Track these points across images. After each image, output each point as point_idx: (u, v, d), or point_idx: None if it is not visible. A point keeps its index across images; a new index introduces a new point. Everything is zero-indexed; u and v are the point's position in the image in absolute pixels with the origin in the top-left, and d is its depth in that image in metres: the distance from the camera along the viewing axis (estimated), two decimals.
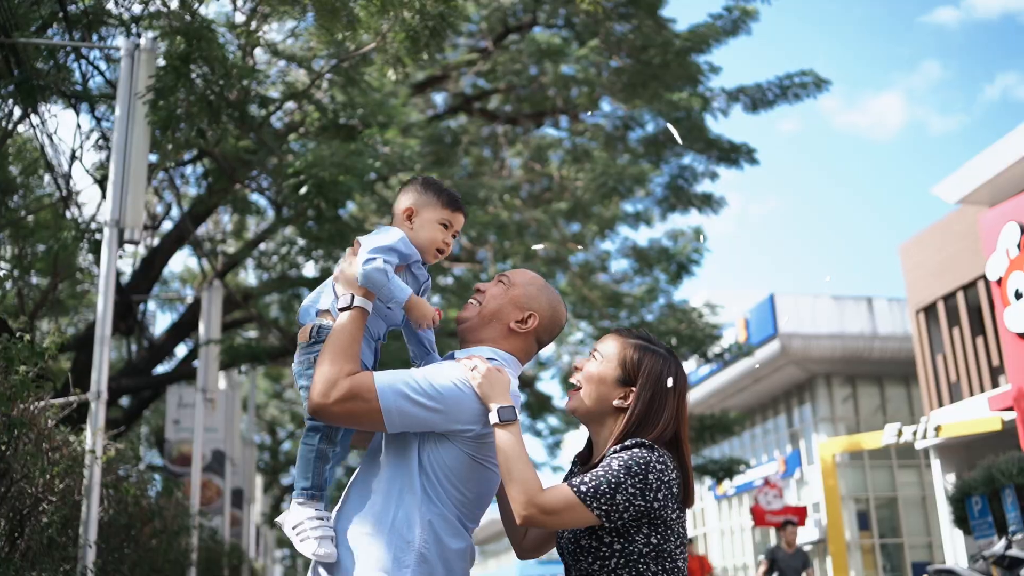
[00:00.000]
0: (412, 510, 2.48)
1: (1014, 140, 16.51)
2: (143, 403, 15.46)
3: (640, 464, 2.40)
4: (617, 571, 2.44)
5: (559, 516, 2.38)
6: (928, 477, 25.11)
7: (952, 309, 20.11)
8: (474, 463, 2.55)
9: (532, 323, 2.72)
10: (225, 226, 16.03)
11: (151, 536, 6.67)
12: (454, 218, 2.74)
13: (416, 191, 2.73)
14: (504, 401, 2.48)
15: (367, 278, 2.52)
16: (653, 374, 2.57)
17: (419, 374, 2.52)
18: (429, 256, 2.71)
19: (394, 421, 2.46)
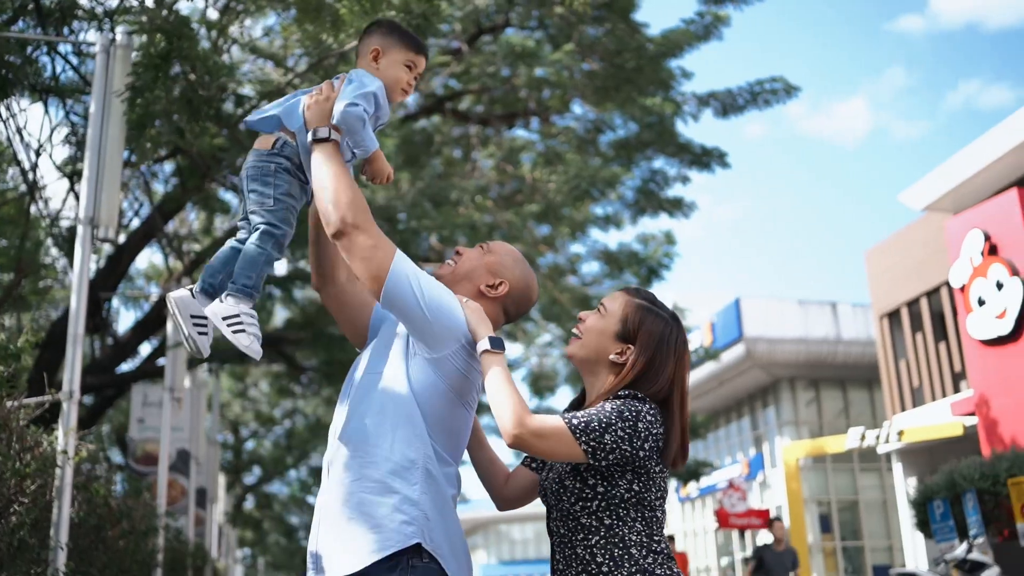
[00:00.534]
0: (411, 432, 2.54)
1: (978, 149, 16.74)
2: (106, 401, 15.30)
3: (632, 411, 2.47)
4: (598, 513, 2.51)
5: (547, 441, 2.42)
6: (889, 481, 25.41)
7: (915, 315, 20.36)
8: (455, 398, 2.61)
9: (502, 290, 2.79)
10: (192, 224, 15.89)
11: (119, 537, 6.59)
12: (417, 60, 2.83)
13: (382, 33, 2.83)
14: (491, 331, 2.58)
15: (346, 119, 2.60)
16: (652, 335, 2.63)
17: (426, 275, 2.62)
18: (395, 95, 2.80)
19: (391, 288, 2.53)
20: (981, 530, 11.78)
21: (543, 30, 13.56)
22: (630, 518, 2.50)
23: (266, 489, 33.42)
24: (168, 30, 4.94)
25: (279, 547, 40.76)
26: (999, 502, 12.09)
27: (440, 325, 2.56)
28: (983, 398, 16.05)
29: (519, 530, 58.11)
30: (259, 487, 32.80)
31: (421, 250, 11.47)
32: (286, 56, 9.21)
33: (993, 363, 15.88)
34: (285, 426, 28.86)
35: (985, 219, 16.15)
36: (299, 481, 33.17)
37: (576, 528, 2.54)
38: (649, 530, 2.52)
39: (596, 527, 2.51)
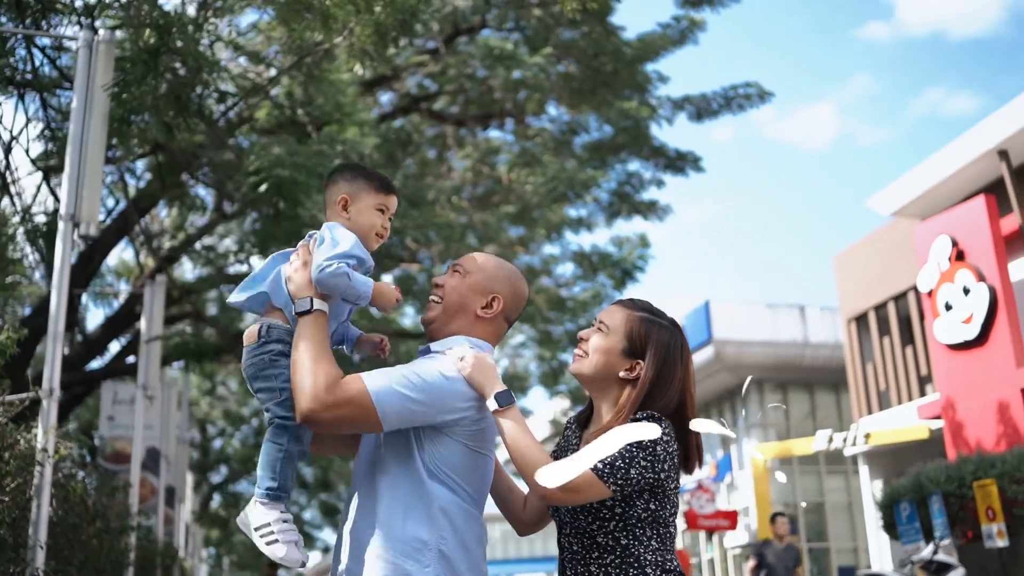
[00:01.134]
0: (421, 508, 2.48)
1: (947, 155, 16.95)
2: (75, 399, 15.14)
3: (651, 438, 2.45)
4: (615, 533, 2.51)
5: (577, 493, 2.42)
6: (855, 483, 25.64)
7: (883, 319, 20.57)
8: (473, 453, 2.56)
9: (497, 306, 2.73)
10: (164, 221, 15.77)
11: (93, 536, 6.54)
12: (388, 201, 2.72)
13: (346, 179, 2.71)
14: (498, 386, 2.51)
15: (325, 283, 2.49)
16: (659, 347, 2.63)
17: (405, 369, 2.51)
18: (371, 242, 2.69)
19: (389, 420, 2.44)
20: (947, 532, 11.94)
21: (519, 32, 13.60)
22: (646, 537, 2.51)
23: (233, 488, 33.20)
24: (159, 25, 4.92)
25: (244, 547, 40.50)
26: (964, 504, 12.26)
27: (447, 410, 2.49)
28: (949, 402, 16.25)
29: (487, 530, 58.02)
30: (226, 486, 32.58)
31: (397, 250, 11.46)
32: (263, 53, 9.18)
33: (959, 367, 16.08)
34: (253, 424, 28.68)
35: (953, 225, 16.35)
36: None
37: (591, 547, 2.54)
38: (663, 547, 2.53)
39: (612, 547, 2.51)
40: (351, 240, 2.57)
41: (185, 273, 16.66)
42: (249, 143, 8.95)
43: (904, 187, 18.03)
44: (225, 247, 12.89)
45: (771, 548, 11.68)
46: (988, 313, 15.41)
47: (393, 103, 14.51)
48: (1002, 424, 15.03)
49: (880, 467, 19.96)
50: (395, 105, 14.40)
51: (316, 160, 6.72)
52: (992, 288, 15.37)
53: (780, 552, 11.64)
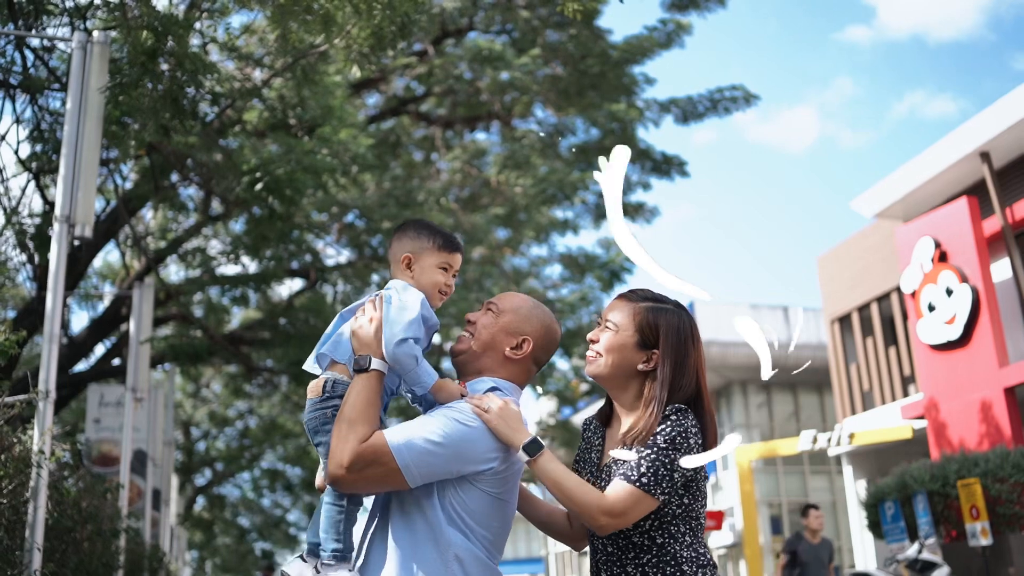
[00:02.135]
0: (435, 554, 2.47)
1: (929, 157, 17.07)
2: (60, 402, 15.06)
3: (682, 434, 2.49)
4: (650, 532, 2.52)
5: (630, 514, 2.44)
6: (839, 483, 25.78)
7: (866, 320, 20.69)
8: (496, 500, 2.55)
9: (527, 348, 2.73)
10: (149, 223, 15.71)
11: (85, 539, 6.53)
12: (452, 259, 2.73)
13: (411, 237, 2.72)
14: (524, 435, 2.49)
15: (396, 360, 2.49)
16: (671, 332, 2.65)
17: (429, 424, 2.49)
18: (434, 300, 2.70)
19: (414, 476, 2.44)
20: (931, 531, 12.03)
21: (507, 34, 13.63)
22: (680, 533, 2.52)
23: (218, 490, 33.09)
24: (156, 27, 4.92)
25: (228, 549, 40.34)
26: (948, 503, 12.35)
27: (470, 461, 2.49)
28: (932, 402, 16.37)
29: None
30: (210, 488, 32.47)
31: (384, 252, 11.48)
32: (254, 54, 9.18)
33: (942, 367, 16.20)
34: (238, 427, 28.60)
35: (936, 227, 16.48)
36: (252, 482, 32.90)
37: (627, 547, 2.54)
38: (696, 541, 2.54)
39: (648, 546, 2.51)
40: (418, 303, 2.56)
41: (171, 275, 16.62)
42: (239, 145, 8.94)
43: (887, 189, 18.15)
44: (212, 248, 12.86)
45: (804, 543, 10.85)
46: (971, 314, 15.54)
47: (380, 105, 14.51)
48: (985, 423, 15.16)
49: (864, 467, 20.08)
50: (383, 107, 14.40)
51: (311, 159, 6.73)
52: (975, 289, 15.50)
53: (814, 548, 10.82)
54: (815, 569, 10.56)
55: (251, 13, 7.24)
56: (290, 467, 30.46)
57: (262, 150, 7.03)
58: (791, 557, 10.69)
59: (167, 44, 4.99)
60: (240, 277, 11.20)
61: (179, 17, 5.18)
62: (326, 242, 12.72)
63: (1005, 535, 12.57)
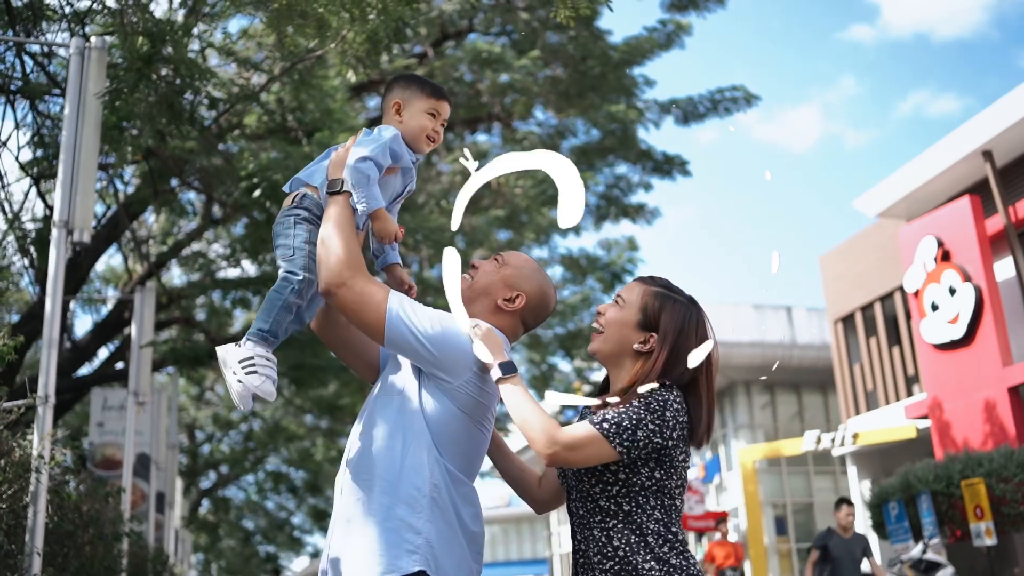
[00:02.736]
0: (420, 457, 2.55)
1: (932, 156, 17.06)
2: (64, 406, 15.09)
3: (659, 402, 2.50)
4: (617, 499, 2.54)
5: (582, 451, 2.45)
6: (843, 483, 25.75)
7: (869, 319, 20.67)
8: (469, 424, 2.63)
9: (519, 303, 2.81)
10: (151, 227, 15.74)
11: (86, 543, 6.54)
12: (440, 106, 2.87)
13: (401, 86, 2.88)
14: (501, 357, 2.57)
15: (351, 174, 2.65)
16: (673, 320, 2.67)
17: (423, 308, 2.63)
18: (421, 144, 2.85)
19: (393, 332, 2.56)
20: (935, 531, 12.02)
21: (507, 36, 13.64)
22: (649, 506, 2.52)
23: (222, 493, 33.11)
24: (152, 33, 4.94)
25: (233, 552, 40.39)
26: (953, 503, 12.33)
27: (447, 359, 2.58)
28: (936, 401, 16.35)
29: None
30: (215, 491, 32.49)
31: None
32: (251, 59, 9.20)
33: (946, 367, 16.18)
34: (242, 430, 28.61)
35: (938, 226, 16.46)
36: (256, 485, 32.94)
37: (595, 510, 2.56)
38: (667, 518, 2.54)
39: (615, 511, 2.53)
40: (391, 134, 2.74)
41: (173, 279, 16.66)
42: (238, 149, 8.96)
43: (890, 188, 18.14)
44: (214, 252, 12.89)
45: (835, 539, 10.40)
46: (974, 313, 15.52)
47: (381, 108, 14.53)
48: (989, 423, 15.14)
49: (868, 467, 20.06)
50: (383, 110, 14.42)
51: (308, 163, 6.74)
52: (978, 288, 15.48)
53: (846, 543, 10.33)
54: (847, 565, 10.19)
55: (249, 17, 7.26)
56: (294, 470, 30.48)
57: (261, 155, 7.05)
58: (821, 553, 10.36)
59: (163, 50, 5.00)
60: (240, 281, 11.23)
61: (174, 23, 5.19)
62: None
63: (1010, 535, 12.56)
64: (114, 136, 5.50)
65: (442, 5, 12.53)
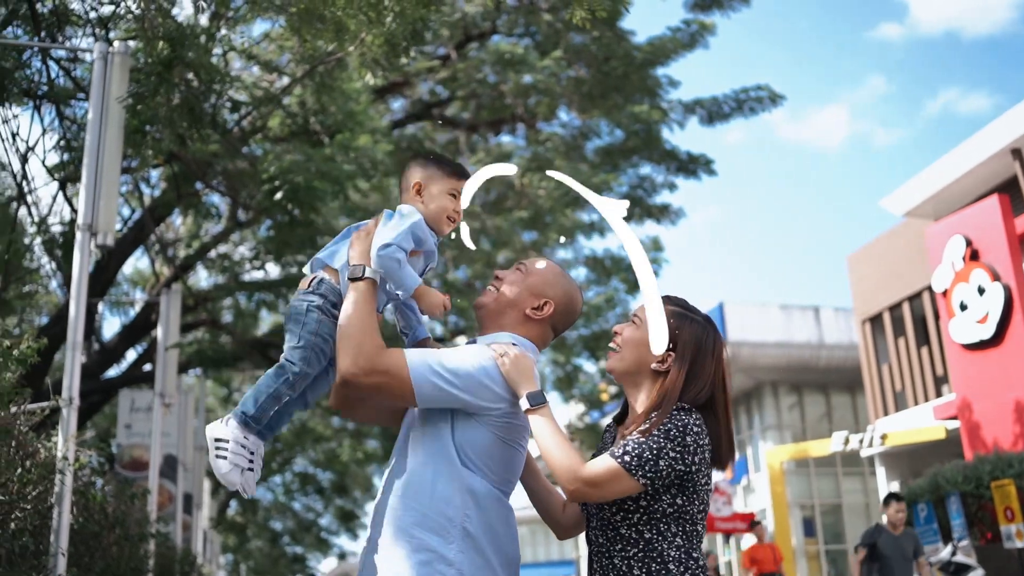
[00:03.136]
0: (450, 488, 2.54)
1: (959, 156, 16.91)
2: (92, 408, 15.24)
3: (679, 427, 2.47)
4: (638, 526, 2.51)
5: (605, 487, 2.44)
6: (872, 484, 25.55)
7: (897, 319, 20.51)
8: (503, 444, 2.63)
9: (547, 310, 2.79)
10: (178, 229, 15.86)
11: (113, 543, 6.59)
12: (461, 186, 2.82)
13: (421, 165, 2.82)
14: (532, 386, 2.57)
15: (381, 262, 2.60)
16: (690, 340, 2.64)
17: (446, 355, 2.59)
18: (443, 226, 2.78)
19: (424, 396, 2.54)
20: (965, 533, 11.89)
21: (530, 37, 13.64)
22: (670, 532, 2.50)
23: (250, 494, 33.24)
24: (172, 37, 4.97)
25: (262, 553, 40.61)
26: (982, 505, 12.20)
27: (482, 398, 2.56)
28: (965, 402, 16.19)
29: None
30: None
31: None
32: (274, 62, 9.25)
33: (975, 367, 16.03)
34: None
35: (967, 225, 16.31)
36: (284, 486, 33.10)
37: (615, 539, 2.54)
38: (688, 545, 2.51)
39: (635, 539, 2.50)
40: (414, 218, 2.68)
41: (200, 281, 16.78)
42: (263, 152, 9.01)
43: (917, 187, 17.99)
44: (240, 255, 12.97)
45: (885, 536, 9.75)
46: (1003, 312, 15.36)
47: (405, 109, 14.57)
48: (1019, 423, 14.97)
49: (897, 468, 19.90)
50: (407, 111, 14.46)
51: (330, 166, 6.78)
52: (1007, 287, 15.31)
53: (896, 540, 9.69)
54: (898, 563, 9.60)
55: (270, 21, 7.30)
56: (321, 471, 30.61)
57: (283, 158, 7.09)
58: (870, 550, 9.74)
59: (184, 55, 5.03)
60: (263, 283, 11.29)
61: (194, 27, 5.23)
62: None
63: None
64: (136, 140, 5.54)
65: (465, 7, 12.55)
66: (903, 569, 9.65)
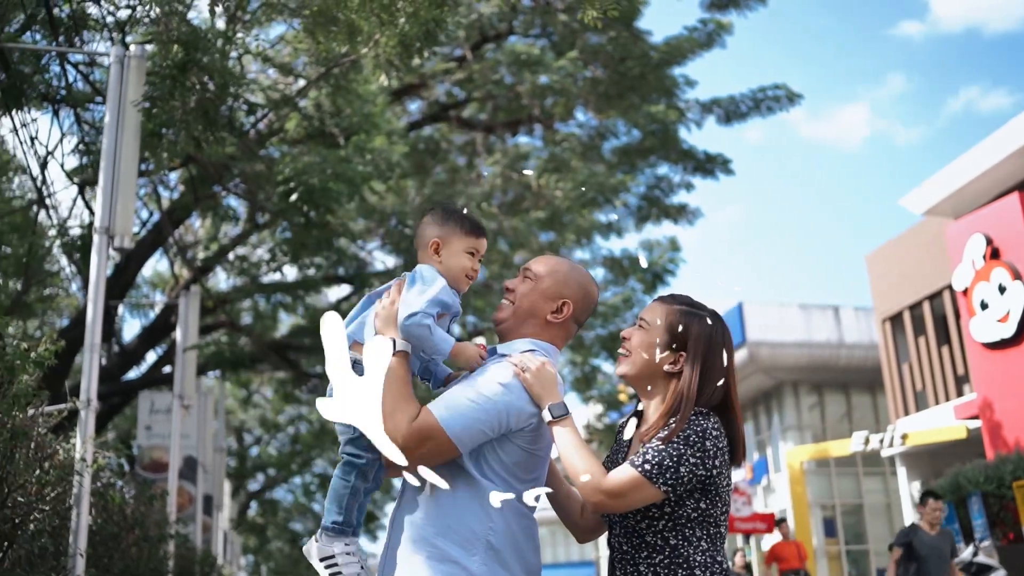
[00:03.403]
0: (473, 500, 2.53)
1: (978, 154, 16.79)
2: (113, 409, 15.34)
3: (698, 433, 2.47)
4: (663, 533, 2.51)
5: (627, 497, 2.44)
6: (893, 484, 25.39)
7: (918, 318, 20.38)
8: (531, 455, 2.62)
9: (567, 311, 2.77)
10: (197, 231, 15.95)
11: (132, 544, 6.64)
12: (479, 244, 2.78)
13: (438, 223, 2.77)
14: (554, 398, 2.56)
15: (409, 334, 2.56)
16: (700, 337, 2.62)
17: (469, 391, 2.55)
18: (462, 284, 2.75)
19: (466, 444, 2.52)
20: (986, 533, 11.83)
21: (546, 38, 13.64)
22: (695, 537, 2.50)
23: (270, 496, 33.41)
24: (185, 41, 5.00)
25: (282, 554, 40.77)
26: (1004, 505, 12.13)
27: (511, 425, 2.55)
28: (986, 401, 16.07)
29: None
30: (263, 493, 32.80)
31: None
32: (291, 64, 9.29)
33: (996, 366, 15.91)
34: (289, 432, 28.87)
35: (987, 223, 16.20)
36: (303, 487, 33.21)
37: (640, 546, 2.54)
38: (713, 548, 2.52)
39: (661, 546, 2.50)
40: (439, 285, 2.63)
41: (219, 283, 16.86)
42: (280, 154, 9.05)
43: (936, 185, 17.88)
44: (258, 257, 13.03)
45: (920, 535, 9.30)
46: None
47: (422, 111, 14.60)
48: None
49: (918, 468, 19.77)
50: (424, 113, 14.49)
51: (344, 167, 6.80)
52: None
53: (932, 539, 9.24)
54: (935, 563, 9.14)
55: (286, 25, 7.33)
56: None
57: (299, 160, 7.12)
58: (905, 550, 9.28)
59: (198, 58, 5.06)
60: (280, 285, 11.33)
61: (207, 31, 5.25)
62: (363, 248, 12.81)
63: None
64: (152, 143, 5.57)
65: (481, 8, 12.56)
66: (939, 569, 9.22)
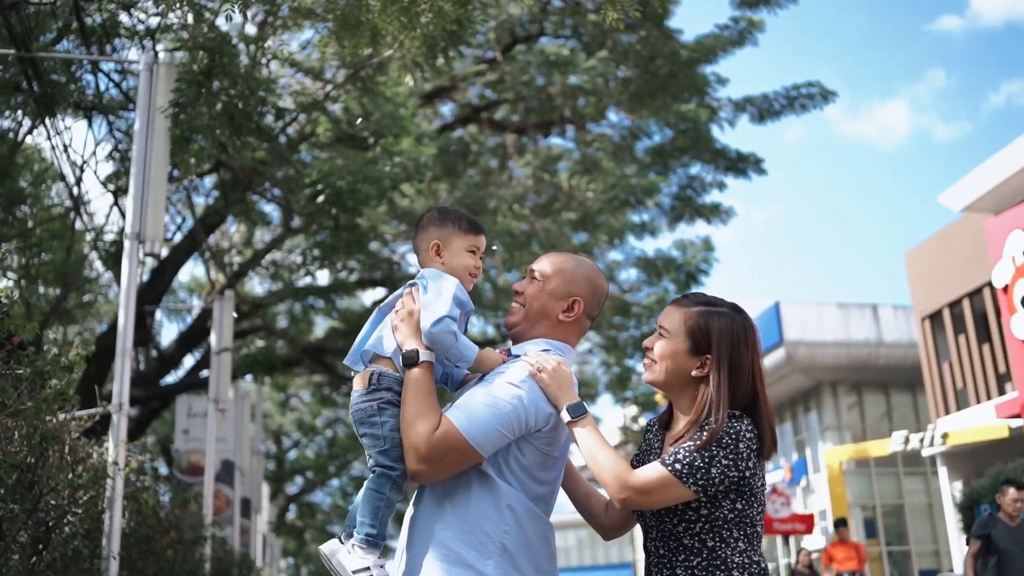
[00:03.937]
0: (489, 502, 2.52)
1: (1018, 149, 16.54)
2: (151, 413, 15.51)
3: (731, 435, 2.44)
4: (701, 535, 2.48)
5: (655, 495, 2.42)
6: (934, 484, 25.08)
7: (958, 316, 20.12)
8: (548, 457, 2.61)
9: (578, 308, 2.75)
10: (232, 236, 16.09)
11: (167, 547, 6.70)
12: (478, 241, 2.78)
13: (436, 224, 2.76)
14: (571, 397, 2.55)
15: (435, 340, 2.55)
16: (723, 335, 2.59)
17: (487, 396, 2.54)
18: (465, 283, 2.73)
19: (487, 449, 2.51)
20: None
21: (577, 39, 13.62)
22: (732, 538, 2.48)
23: (309, 498, 33.61)
24: (210, 47, 5.04)
25: None
26: None
27: (530, 427, 2.54)
28: None
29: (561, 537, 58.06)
30: (302, 496, 33.00)
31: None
32: (323, 69, 9.35)
33: None
34: (327, 435, 29.03)
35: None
36: (341, 490, 33.38)
37: (677, 549, 2.51)
38: (751, 548, 2.49)
39: (698, 549, 2.48)
40: (453, 287, 2.63)
41: (255, 288, 17.00)
42: (311, 158, 9.10)
43: (976, 182, 17.64)
44: (291, 261, 13.11)
45: (1000, 528, 8.56)
46: None
47: (454, 114, 14.63)
48: None
49: (959, 468, 19.51)
50: (456, 116, 14.51)
51: (372, 169, 6.83)
52: None
53: (1013, 531, 8.49)
54: (1016, 556, 8.41)
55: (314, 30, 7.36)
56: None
57: (326, 163, 7.15)
58: (984, 543, 8.58)
59: (223, 64, 5.10)
60: (314, 289, 11.39)
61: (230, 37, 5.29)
62: (394, 250, 12.85)
63: None
64: (181, 149, 5.63)
65: (511, 10, 12.55)
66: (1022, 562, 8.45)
